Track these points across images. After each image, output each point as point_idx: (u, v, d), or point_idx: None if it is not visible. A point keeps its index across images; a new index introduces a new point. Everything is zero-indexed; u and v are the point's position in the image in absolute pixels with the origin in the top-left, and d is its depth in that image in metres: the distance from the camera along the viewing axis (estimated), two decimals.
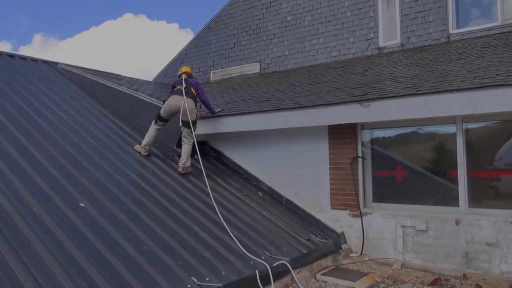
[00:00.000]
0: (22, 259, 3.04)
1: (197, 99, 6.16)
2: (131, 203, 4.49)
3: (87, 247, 3.47)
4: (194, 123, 5.93)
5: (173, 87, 6.21)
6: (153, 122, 6.10)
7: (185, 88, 5.95)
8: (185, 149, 5.91)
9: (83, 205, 4.09)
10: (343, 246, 5.51)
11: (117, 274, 3.26)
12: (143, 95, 7.19)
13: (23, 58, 8.29)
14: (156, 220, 4.34)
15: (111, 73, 9.49)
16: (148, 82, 10.52)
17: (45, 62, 8.71)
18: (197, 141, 5.87)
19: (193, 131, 5.87)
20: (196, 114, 6.05)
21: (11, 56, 8.08)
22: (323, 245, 5.20)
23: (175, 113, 5.98)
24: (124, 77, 9.49)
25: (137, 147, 6.05)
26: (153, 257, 3.66)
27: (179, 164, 5.87)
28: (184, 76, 6.18)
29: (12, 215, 3.49)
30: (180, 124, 5.85)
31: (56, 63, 8.91)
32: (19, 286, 2.80)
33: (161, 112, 6.05)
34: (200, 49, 11.40)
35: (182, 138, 6.00)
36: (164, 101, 6.16)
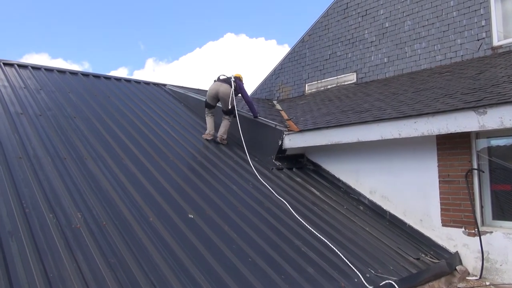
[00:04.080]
0: (142, 265, 3.33)
1: (236, 89, 6.84)
2: (234, 215, 4.65)
3: (196, 256, 3.67)
4: (233, 109, 6.87)
5: (218, 78, 7.12)
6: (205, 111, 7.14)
7: (227, 77, 6.92)
8: (225, 123, 6.93)
9: (192, 216, 4.35)
10: (458, 267, 5.00)
11: (223, 284, 3.38)
12: (241, 110, 7.46)
13: (138, 82, 9.25)
14: (258, 232, 4.42)
15: None
16: None
17: (155, 84, 9.60)
18: (294, 154, 5.86)
19: (231, 116, 6.88)
20: (233, 100, 6.79)
21: (128, 80, 9.08)
22: (434, 265, 4.78)
23: (215, 97, 6.87)
24: None
25: (203, 135, 6.93)
26: (257, 269, 3.73)
27: (218, 135, 6.87)
28: (232, 76, 7.00)
29: (133, 225, 3.85)
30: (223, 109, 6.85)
31: (165, 85, 9.76)
32: None
33: (206, 99, 7.02)
34: (295, 62, 11.51)
35: (223, 115, 6.96)
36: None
